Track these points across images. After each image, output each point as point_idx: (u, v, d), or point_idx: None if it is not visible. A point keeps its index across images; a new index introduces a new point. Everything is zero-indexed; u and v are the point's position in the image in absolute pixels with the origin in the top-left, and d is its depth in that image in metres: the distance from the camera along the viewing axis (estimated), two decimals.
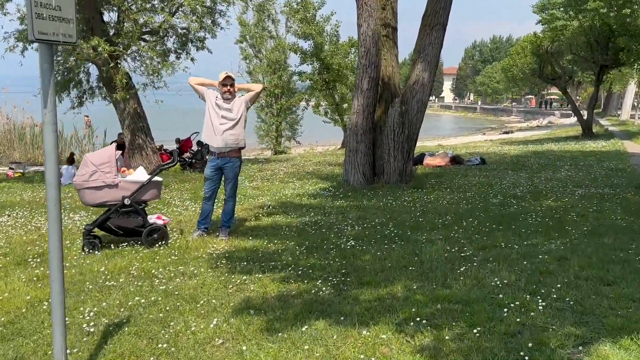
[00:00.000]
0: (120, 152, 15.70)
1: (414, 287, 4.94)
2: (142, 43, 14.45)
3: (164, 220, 7.09)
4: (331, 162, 17.71)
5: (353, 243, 6.61)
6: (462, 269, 5.42)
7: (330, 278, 5.31)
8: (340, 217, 8.33)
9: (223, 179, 7.33)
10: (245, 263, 5.92)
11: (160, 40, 15.10)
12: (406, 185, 10.93)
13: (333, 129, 30.30)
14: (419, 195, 10.06)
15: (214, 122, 7.05)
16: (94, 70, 15.06)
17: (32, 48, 13.84)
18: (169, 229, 7.43)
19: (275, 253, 6.33)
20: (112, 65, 13.06)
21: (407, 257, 5.95)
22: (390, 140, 11.12)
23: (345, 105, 26.79)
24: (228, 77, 7.07)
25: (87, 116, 26.80)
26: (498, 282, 4.97)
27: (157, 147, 16.76)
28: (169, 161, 7.18)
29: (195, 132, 15.92)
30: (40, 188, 12.92)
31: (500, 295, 4.64)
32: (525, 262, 5.60)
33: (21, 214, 9.26)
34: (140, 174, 7.16)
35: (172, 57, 15.27)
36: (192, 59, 15.71)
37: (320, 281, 5.22)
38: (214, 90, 7.24)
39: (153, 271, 5.76)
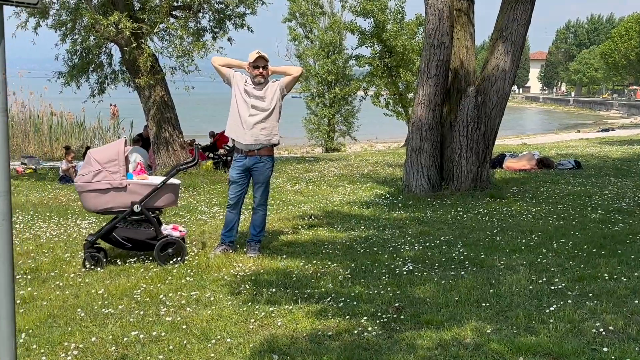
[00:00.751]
0: (131, 148, 15.64)
1: (488, 331, 4.38)
2: (172, 20, 14.29)
3: (180, 231, 6.75)
4: (391, 162, 17.17)
5: (411, 267, 6.08)
6: (552, 308, 4.81)
7: (379, 314, 4.81)
8: (397, 232, 7.81)
9: (252, 182, 6.94)
10: (274, 289, 5.48)
11: (193, 17, 14.91)
12: (481, 194, 10.29)
13: (395, 123, 29.71)
14: (497, 206, 9.41)
15: (242, 113, 6.66)
16: (117, 51, 15.02)
17: (46, 25, 13.91)
18: (187, 242, 7.10)
19: (312, 277, 5.88)
20: (134, 45, 12.92)
21: (479, 288, 5.38)
22: (463, 138, 10.51)
23: (410, 95, 26.14)
24: (260, 58, 6.67)
25: (114, 105, 27.17)
26: (600, 328, 4.36)
27: (188, 141, 16.62)
28: (188, 160, 6.81)
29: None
30: (51, 187, 12.94)
31: (605, 349, 4.03)
32: (636, 301, 4.95)
33: (22, 218, 9.15)
34: (154, 178, 6.87)
35: (207, 36, 15.10)
36: (229, 39, 15.48)
37: (366, 318, 4.73)
38: (242, 73, 6.86)
39: (161, 296, 5.40)
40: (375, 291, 5.38)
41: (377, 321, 4.67)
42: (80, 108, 21.67)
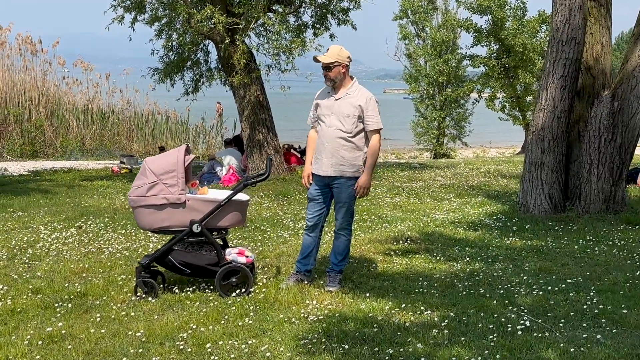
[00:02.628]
0: (224, 150, 14.88)
1: None
2: (270, 15, 13.41)
3: (247, 257, 5.72)
4: (505, 172, 15.54)
5: (528, 323, 4.73)
6: None
7: None
8: (510, 267, 6.44)
9: (333, 201, 5.84)
10: (346, 346, 4.33)
11: (294, 12, 13.98)
12: (615, 218, 8.64)
13: (511, 129, 27.69)
14: (637, 236, 7.78)
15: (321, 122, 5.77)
16: (214, 49, 14.34)
17: (142, 20, 13.42)
18: (256, 268, 6.10)
19: (399, 329, 4.67)
20: (227, 41, 12.12)
21: None
22: (594, 151, 8.91)
23: (529, 99, 24.17)
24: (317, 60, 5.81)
25: (220, 103, 26.91)
26: None
27: (286, 146, 15.76)
28: (260, 172, 5.76)
29: None
30: None
31: None
32: None
33: (93, 226, 8.50)
34: (217, 193, 5.91)
35: (307, 33, 14.14)
36: (331, 36, 14.44)
37: None
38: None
39: (209, 345, 4.38)
40: (480, 357, 4.11)
41: None
42: (185, 107, 21.47)
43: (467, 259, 6.76)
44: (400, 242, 7.52)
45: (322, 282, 5.88)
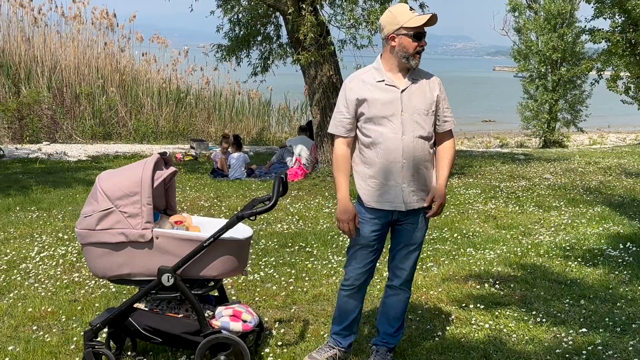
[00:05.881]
0: (295, 138, 12.97)
1: None
2: None
3: (245, 322, 3.87)
4: (630, 169, 12.90)
5: None
6: None
7: None
8: None
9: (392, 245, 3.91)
10: None
11: None
12: None
13: (636, 113, 24.31)
14: None
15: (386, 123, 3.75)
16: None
17: None
18: (265, 331, 4.26)
19: None
20: (290, 11, 10.26)
21: None
22: None
23: None
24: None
25: (308, 86, 25.14)
26: None
27: None
28: (265, 198, 3.82)
29: None
30: (195, 184, 10.81)
31: None
32: None
33: None
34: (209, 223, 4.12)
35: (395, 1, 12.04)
36: (422, 6, 12.26)
37: None
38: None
39: None
40: None
41: None
42: (267, 86, 19.84)
43: (582, 320, 4.60)
44: (486, 284, 5.44)
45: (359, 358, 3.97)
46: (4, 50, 17.94)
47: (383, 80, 3.69)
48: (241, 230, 3.95)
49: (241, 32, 12.60)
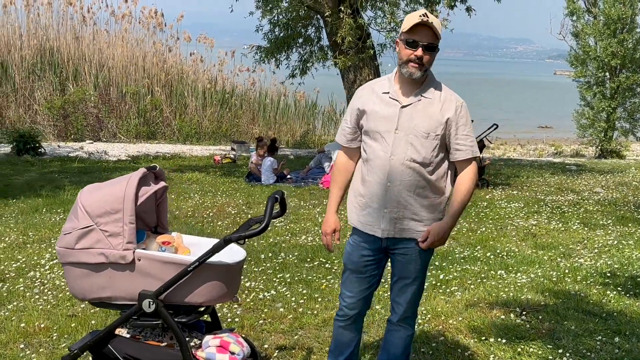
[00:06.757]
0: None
1: None
2: None
3: (232, 354, 3.55)
4: None
5: None
6: None
7: None
8: None
9: (391, 274, 3.55)
10: None
11: None
12: None
13: None
14: None
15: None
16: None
17: None
18: (262, 356, 3.93)
19: None
20: (327, 14, 9.94)
21: None
22: None
23: None
24: (424, 27, 3.19)
25: (347, 90, 24.75)
26: None
27: None
28: (258, 219, 3.51)
29: (494, 125, 11.60)
30: (229, 188, 10.59)
31: None
32: None
33: None
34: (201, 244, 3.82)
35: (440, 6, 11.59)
36: (468, 9, 11.78)
37: None
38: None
39: None
40: None
41: None
42: (313, 88, 19.56)
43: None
44: (512, 313, 4.99)
45: None
46: (52, 48, 18.14)
47: (388, 93, 3.33)
48: (232, 254, 3.63)
49: (281, 34, 12.36)
